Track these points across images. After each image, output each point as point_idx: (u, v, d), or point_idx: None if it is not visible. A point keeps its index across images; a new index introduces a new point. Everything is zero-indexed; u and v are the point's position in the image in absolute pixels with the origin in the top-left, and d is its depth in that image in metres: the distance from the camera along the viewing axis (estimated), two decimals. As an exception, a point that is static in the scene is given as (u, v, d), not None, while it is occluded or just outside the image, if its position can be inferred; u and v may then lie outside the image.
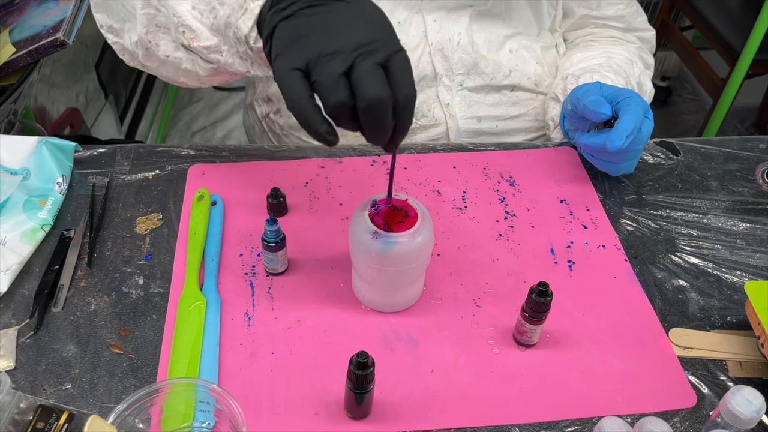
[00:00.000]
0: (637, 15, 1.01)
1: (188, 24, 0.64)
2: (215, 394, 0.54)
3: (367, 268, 0.64)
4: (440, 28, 0.90)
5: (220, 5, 0.61)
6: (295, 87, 0.51)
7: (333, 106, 0.51)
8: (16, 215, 0.73)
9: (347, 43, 0.51)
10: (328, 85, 0.50)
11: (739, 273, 0.75)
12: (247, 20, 0.59)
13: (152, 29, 0.68)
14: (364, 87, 0.50)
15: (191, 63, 0.69)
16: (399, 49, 0.52)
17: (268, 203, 0.76)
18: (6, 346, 0.64)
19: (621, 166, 0.81)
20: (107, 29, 0.75)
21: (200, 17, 0.63)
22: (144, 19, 0.67)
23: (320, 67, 0.51)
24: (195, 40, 0.64)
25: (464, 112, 0.93)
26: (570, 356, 0.66)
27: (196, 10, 0.63)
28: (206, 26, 0.63)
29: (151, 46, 0.69)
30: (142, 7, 0.66)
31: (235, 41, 0.62)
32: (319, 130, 0.52)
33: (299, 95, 0.51)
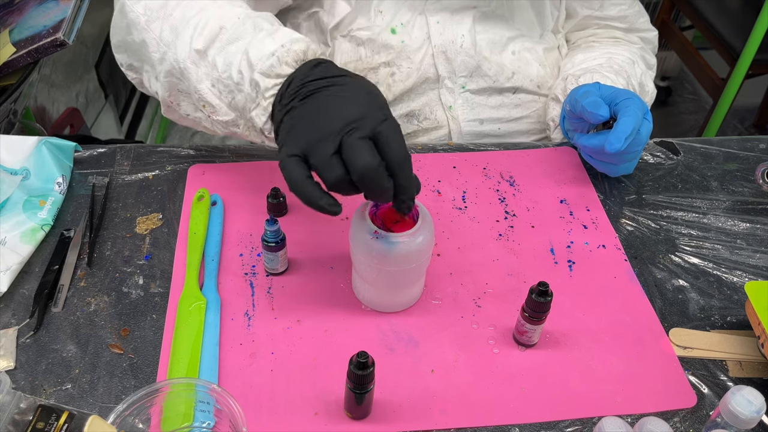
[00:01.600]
0: (640, 15, 1.01)
1: (208, 100, 0.68)
2: (215, 394, 0.55)
3: (367, 268, 0.64)
4: (443, 30, 0.90)
5: (239, 92, 0.66)
6: (293, 170, 0.56)
7: (332, 184, 0.56)
8: (16, 215, 0.73)
9: (334, 125, 0.56)
10: (323, 166, 0.55)
11: (739, 273, 0.75)
12: (261, 115, 0.64)
13: (174, 93, 0.73)
14: (354, 160, 0.54)
15: (210, 124, 0.72)
16: (385, 118, 0.57)
17: (268, 203, 0.76)
18: (6, 346, 0.64)
19: (620, 168, 0.81)
20: (127, 67, 0.79)
21: (219, 95, 0.68)
22: (167, 85, 0.72)
23: (313, 152, 0.56)
24: (214, 114, 0.69)
25: (466, 114, 0.93)
26: (570, 356, 0.66)
27: (215, 88, 0.68)
28: (225, 103, 0.68)
29: (173, 106, 0.74)
30: (165, 76, 0.71)
31: (251, 126, 0.67)
32: (320, 203, 0.56)
33: (297, 177, 0.56)
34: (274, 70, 0.63)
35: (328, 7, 0.88)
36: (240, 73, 0.65)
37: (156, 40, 0.70)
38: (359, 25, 0.88)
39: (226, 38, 0.67)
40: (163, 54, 0.69)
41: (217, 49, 0.67)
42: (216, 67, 0.66)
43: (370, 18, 0.88)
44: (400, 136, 0.57)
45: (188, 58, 0.67)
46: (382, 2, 0.88)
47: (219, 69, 0.66)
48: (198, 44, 0.67)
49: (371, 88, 0.61)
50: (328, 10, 0.88)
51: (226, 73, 0.66)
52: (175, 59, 0.68)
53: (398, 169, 0.56)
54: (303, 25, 0.91)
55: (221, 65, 0.66)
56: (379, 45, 0.89)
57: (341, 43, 0.89)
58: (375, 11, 0.88)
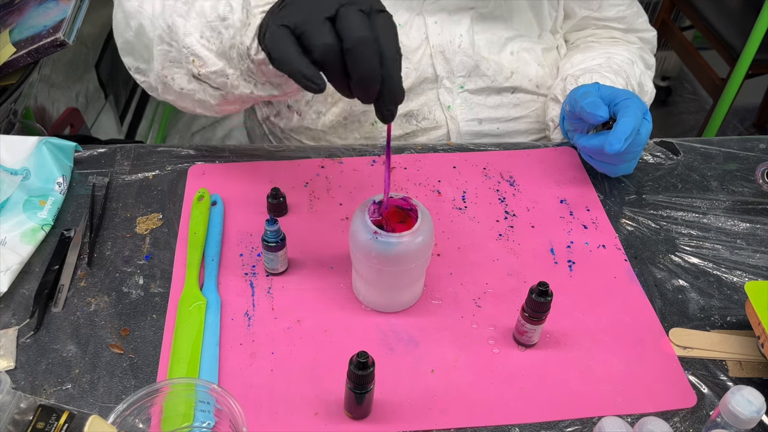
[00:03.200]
0: (638, 16, 1.00)
1: (197, 52, 0.68)
2: (215, 394, 0.55)
3: (367, 268, 0.64)
4: (441, 30, 0.90)
5: (225, 29, 0.65)
6: (281, 39, 0.53)
7: (320, 51, 0.51)
8: (16, 215, 0.73)
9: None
10: (313, 31, 0.52)
11: (739, 273, 0.75)
12: (249, 33, 0.63)
13: (167, 65, 0.72)
14: (350, 29, 0.51)
15: (203, 93, 0.72)
16: (382, 9, 0.53)
17: (268, 203, 0.76)
18: (6, 346, 0.64)
19: (620, 168, 0.81)
20: (135, 70, 0.79)
21: (207, 44, 0.68)
22: (159, 56, 0.71)
23: (305, 18, 0.52)
24: (203, 66, 0.68)
25: (465, 114, 0.93)
26: (570, 356, 0.66)
27: (203, 38, 0.68)
28: (213, 52, 0.68)
29: (168, 80, 0.73)
30: (157, 44, 0.71)
31: (239, 60, 0.66)
32: (305, 72, 0.53)
33: (284, 47, 0.53)
34: None
35: None
36: (228, 5, 0.64)
37: (149, 18, 0.71)
38: (359, 25, 0.88)
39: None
40: (155, 26, 0.70)
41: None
42: (204, 14, 0.67)
43: (369, 18, 0.88)
44: (396, 34, 0.53)
45: (174, 11, 0.68)
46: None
47: (207, 14, 0.66)
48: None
49: None
50: None
51: (213, 14, 0.66)
52: (164, 19, 0.69)
53: (390, 63, 0.52)
54: None
55: (208, 9, 0.67)
56: (378, 45, 0.88)
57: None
58: (374, 11, 0.88)
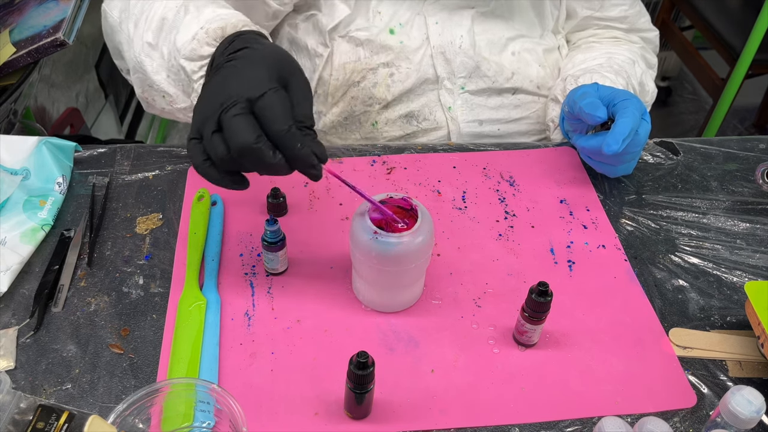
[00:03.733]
0: (641, 15, 1.00)
1: (165, 90, 0.72)
2: (215, 394, 0.55)
3: (367, 268, 0.64)
4: (442, 31, 0.90)
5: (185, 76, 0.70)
6: (192, 153, 0.57)
7: (217, 161, 0.55)
8: (16, 215, 0.73)
9: (215, 103, 0.55)
10: (208, 146, 0.55)
11: (739, 273, 0.75)
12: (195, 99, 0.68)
13: (146, 88, 0.75)
14: (230, 138, 0.53)
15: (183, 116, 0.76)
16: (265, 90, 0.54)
17: (268, 203, 0.76)
18: (6, 346, 0.64)
19: (619, 168, 0.81)
20: (126, 72, 0.81)
21: (174, 83, 0.71)
22: (137, 82, 0.75)
23: (202, 133, 0.56)
24: (173, 102, 0.73)
25: (466, 115, 0.93)
26: (570, 356, 0.66)
27: (170, 78, 0.72)
28: (180, 90, 0.71)
29: (149, 101, 0.77)
30: (133, 72, 0.74)
31: None
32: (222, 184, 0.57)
33: (197, 161, 0.56)
34: (196, 52, 0.65)
35: (326, 11, 0.88)
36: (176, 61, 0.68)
37: (127, 39, 0.73)
38: (358, 26, 0.88)
39: (167, 27, 0.70)
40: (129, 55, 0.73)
41: (163, 39, 0.70)
42: (163, 56, 0.69)
43: (368, 18, 0.88)
44: (281, 107, 0.54)
45: (142, 51, 0.70)
46: (381, 3, 0.88)
47: (166, 58, 0.69)
48: (148, 37, 0.70)
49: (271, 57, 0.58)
50: (327, 12, 0.88)
51: (171, 61, 0.68)
52: (134, 54, 0.71)
53: (280, 141, 0.53)
54: (301, 26, 0.91)
55: (167, 54, 0.69)
56: (377, 46, 0.89)
57: (340, 44, 0.89)
58: (373, 12, 0.88)
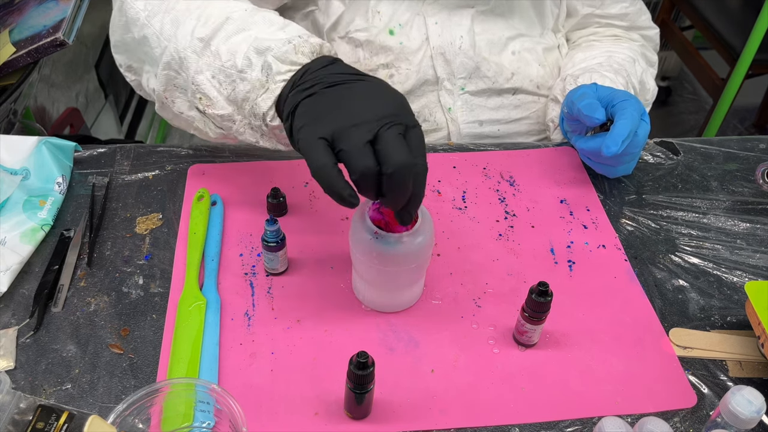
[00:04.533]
0: (641, 13, 1.00)
1: (205, 92, 0.66)
2: (215, 394, 0.54)
3: (367, 268, 0.64)
4: (442, 31, 0.89)
5: (241, 81, 0.64)
6: (321, 154, 0.54)
7: (360, 172, 0.53)
8: (16, 215, 0.73)
9: (371, 114, 0.54)
10: (355, 153, 0.53)
11: (739, 273, 0.75)
12: (267, 99, 0.62)
13: (170, 88, 0.71)
14: (392, 154, 0.52)
15: (203, 124, 0.71)
16: (416, 124, 0.56)
17: (268, 203, 0.76)
18: (6, 346, 0.64)
19: (618, 169, 0.81)
20: (126, 68, 0.78)
21: (218, 87, 0.66)
22: (164, 79, 0.70)
23: (346, 137, 0.53)
24: (210, 107, 0.67)
25: (466, 116, 0.93)
26: (570, 356, 0.66)
27: (215, 79, 0.65)
28: (223, 96, 0.66)
29: (167, 102, 0.72)
30: (163, 69, 0.69)
31: (251, 115, 0.65)
32: (343, 194, 0.54)
33: (324, 162, 0.53)
34: (289, 57, 0.61)
35: (323, 7, 0.88)
36: (247, 59, 0.63)
37: (156, 35, 0.69)
38: (357, 27, 0.88)
39: (232, 28, 0.65)
40: (163, 48, 0.68)
41: (222, 38, 0.65)
42: (219, 56, 0.65)
43: (367, 19, 0.88)
44: (425, 145, 0.56)
45: (189, 47, 0.66)
46: (380, 2, 0.88)
47: (222, 58, 0.64)
48: (201, 33, 0.65)
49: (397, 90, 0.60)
50: (324, 9, 0.88)
51: (230, 61, 0.64)
52: (176, 49, 0.67)
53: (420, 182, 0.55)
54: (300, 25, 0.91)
55: (225, 54, 0.64)
56: (377, 46, 0.88)
57: (339, 45, 0.89)
58: (372, 12, 0.88)
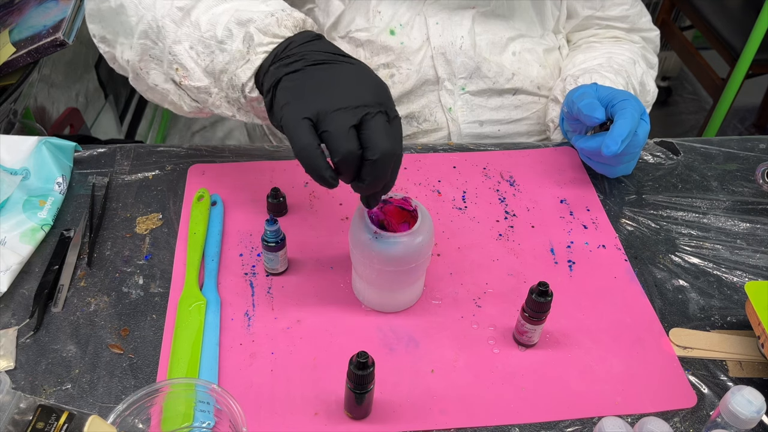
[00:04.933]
0: (642, 15, 1.00)
1: (182, 63, 0.66)
2: (215, 394, 0.54)
3: (367, 268, 0.64)
4: (443, 31, 0.89)
5: (221, 51, 0.63)
6: (304, 134, 0.54)
7: (342, 155, 0.53)
8: (16, 215, 0.73)
9: (357, 99, 0.54)
10: (340, 136, 0.53)
11: (740, 273, 0.75)
12: (246, 70, 0.62)
13: (146, 58, 0.69)
14: (378, 141, 0.53)
15: (178, 97, 0.70)
16: (397, 114, 0.57)
17: (268, 203, 0.76)
18: (6, 346, 0.64)
19: (618, 169, 0.81)
20: (99, 39, 0.76)
21: (196, 57, 0.65)
22: (139, 49, 0.69)
23: (331, 119, 0.54)
24: (187, 78, 0.66)
25: (466, 116, 0.93)
26: (570, 356, 0.66)
27: (193, 50, 0.65)
28: (200, 67, 0.65)
29: (142, 73, 0.71)
30: (139, 38, 0.68)
31: (229, 87, 0.64)
32: (324, 175, 0.54)
33: (308, 142, 0.54)
34: (272, 29, 0.61)
35: (322, 5, 0.88)
36: (227, 30, 0.62)
37: (135, 3, 0.68)
38: (358, 26, 0.88)
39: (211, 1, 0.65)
40: (140, 17, 0.67)
41: (203, 9, 0.65)
42: (198, 26, 0.64)
43: (368, 19, 0.88)
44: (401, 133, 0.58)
45: (168, 15, 0.65)
46: (381, 2, 0.88)
47: (202, 28, 0.64)
48: (181, 2, 0.65)
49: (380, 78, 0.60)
50: (323, 8, 0.88)
51: (210, 32, 0.64)
52: (153, 17, 0.66)
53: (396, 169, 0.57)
54: None
55: (205, 24, 0.64)
56: (378, 46, 0.89)
57: (340, 45, 0.89)
58: (373, 11, 0.88)
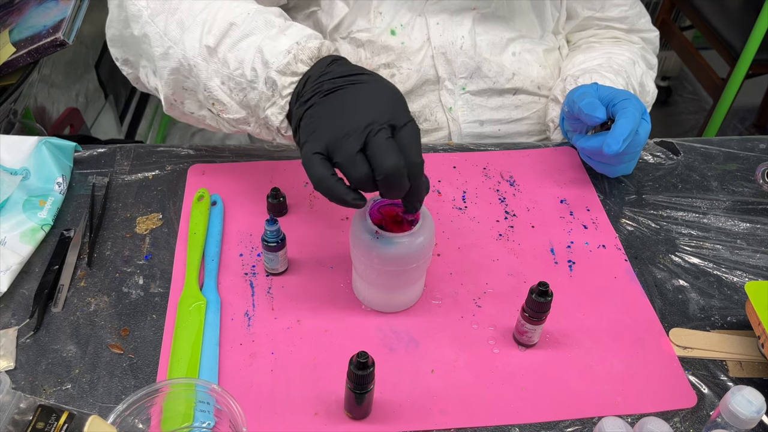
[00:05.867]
0: (641, 16, 1.00)
1: (218, 98, 0.67)
2: (215, 394, 0.54)
3: (367, 268, 0.64)
4: (443, 31, 0.90)
5: (251, 89, 0.65)
6: (318, 168, 0.56)
7: (355, 182, 0.56)
8: (16, 215, 0.73)
9: (360, 122, 0.56)
10: (348, 164, 0.55)
11: (740, 273, 0.75)
12: (278, 114, 0.64)
13: (179, 91, 0.71)
14: (381, 160, 0.54)
15: (215, 122, 0.72)
16: (407, 121, 0.57)
17: (268, 203, 0.76)
18: (6, 346, 0.64)
19: (618, 168, 0.81)
20: (122, 62, 0.78)
21: (229, 93, 0.67)
22: (172, 83, 0.70)
23: (339, 149, 0.56)
24: (224, 112, 0.68)
25: (467, 116, 0.93)
26: (570, 356, 0.66)
27: (225, 86, 0.67)
28: (236, 101, 0.67)
29: (177, 104, 0.73)
30: (171, 73, 0.69)
31: (264, 125, 0.67)
32: (346, 199, 0.56)
33: (322, 175, 0.56)
34: (290, 68, 0.62)
35: (326, 8, 0.88)
36: (254, 71, 0.64)
37: (160, 35, 0.69)
38: (359, 27, 0.88)
39: (237, 34, 0.66)
40: (167, 49, 0.68)
41: (228, 45, 0.66)
42: (227, 64, 0.65)
43: (369, 19, 0.88)
44: (419, 140, 0.58)
45: (199, 54, 0.66)
46: (382, 3, 0.88)
47: (230, 66, 0.65)
48: (208, 40, 0.66)
49: (392, 87, 0.60)
50: (327, 10, 0.88)
51: (239, 70, 0.65)
52: (184, 56, 0.67)
53: (416, 172, 0.57)
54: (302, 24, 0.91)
55: (233, 62, 0.65)
56: (378, 46, 0.89)
57: (341, 45, 0.89)
58: (374, 12, 0.88)
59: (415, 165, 0.56)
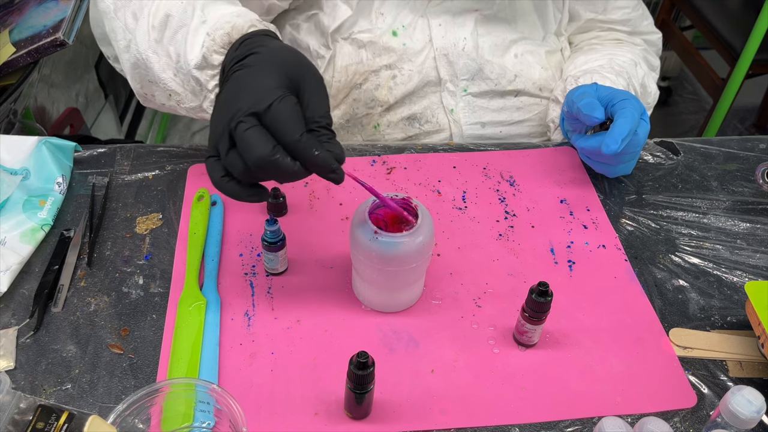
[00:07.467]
0: (643, 18, 1.00)
1: (172, 89, 0.69)
2: (215, 394, 0.54)
3: (367, 268, 0.64)
4: (445, 33, 0.89)
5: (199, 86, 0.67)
6: (211, 171, 0.56)
7: (238, 177, 0.55)
8: (16, 215, 0.73)
9: (224, 118, 0.54)
10: (227, 163, 0.55)
11: (740, 273, 0.75)
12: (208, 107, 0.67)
13: (146, 84, 0.72)
14: (245, 154, 0.53)
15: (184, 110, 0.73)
16: (271, 101, 0.53)
17: (268, 203, 0.76)
18: (6, 346, 0.64)
19: (618, 168, 0.81)
20: (114, 59, 0.80)
21: (182, 84, 0.68)
22: (137, 77, 0.71)
23: (219, 149, 0.55)
24: (181, 102, 0.70)
25: (468, 117, 0.93)
26: (570, 356, 0.66)
27: (177, 77, 0.68)
28: (189, 90, 0.68)
29: (148, 97, 0.74)
30: (133, 68, 0.71)
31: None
32: (242, 199, 0.56)
33: (215, 178, 0.56)
34: (207, 61, 0.63)
35: (328, 10, 0.88)
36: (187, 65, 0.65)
37: (122, 29, 0.70)
38: (360, 28, 0.88)
39: (173, 26, 0.67)
40: (128, 42, 0.69)
41: (168, 38, 0.67)
42: (170, 56, 0.67)
43: (371, 20, 0.88)
44: (290, 116, 0.53)
45: (149, 48, 0.68)
46: (384, 4, 0.88)
47: (173, 58, 0.66)
48: (153, 33, 0.67)
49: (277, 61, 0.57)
50: (329, 12, 0.88)
51: (179, 63, 0.66)
52: (137, 50, 0.68)
53: (295, 151, 0.53)
54: (303, 26, 0.91)
55: (174, 55, 0.66)
56: (380, 48, 0.88)
57: (342, 46, 0.89)
58: (376, 13, 0.88)
59: (292, 143, 0.52)
